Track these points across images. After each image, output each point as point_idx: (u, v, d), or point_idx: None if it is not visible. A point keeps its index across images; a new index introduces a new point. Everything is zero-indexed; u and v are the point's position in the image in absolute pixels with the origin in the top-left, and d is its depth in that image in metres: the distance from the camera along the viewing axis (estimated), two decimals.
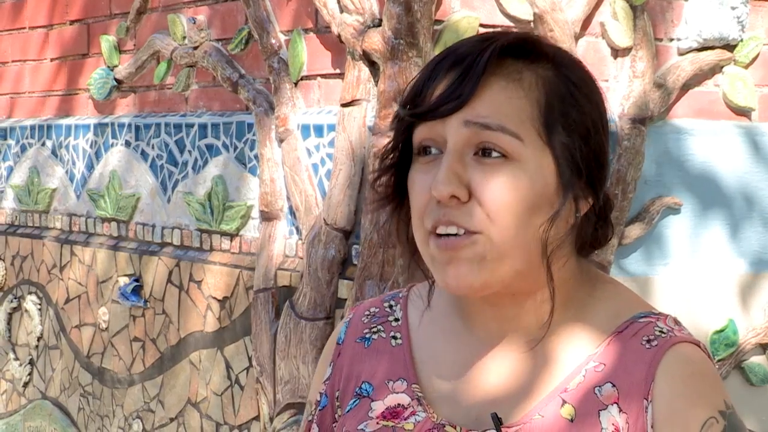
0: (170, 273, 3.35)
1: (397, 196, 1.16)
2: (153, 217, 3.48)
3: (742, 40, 2.86)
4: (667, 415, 1.08)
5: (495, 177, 1.08)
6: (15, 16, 4.20)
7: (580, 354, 1.12)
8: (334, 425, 1.21)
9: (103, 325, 3.64)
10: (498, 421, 1.09)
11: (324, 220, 2.77)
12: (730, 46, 2.85)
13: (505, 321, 1.14)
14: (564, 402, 1.10)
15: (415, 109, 1.10)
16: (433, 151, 1.10)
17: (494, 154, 1.08)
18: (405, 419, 1.14)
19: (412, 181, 1.12)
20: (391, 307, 1.24)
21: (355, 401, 1.19)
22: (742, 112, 2.90)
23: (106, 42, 3.69)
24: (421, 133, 1.11)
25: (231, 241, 3.17)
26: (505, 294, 1.13)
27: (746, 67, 2.89)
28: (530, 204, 1.08)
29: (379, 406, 1.16)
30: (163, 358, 3.38)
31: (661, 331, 1.12)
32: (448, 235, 1.09)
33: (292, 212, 2.94)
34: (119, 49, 3.67)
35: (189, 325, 3.27)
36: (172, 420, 3.36)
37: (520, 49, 1.11)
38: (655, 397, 1.09)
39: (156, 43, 3.46)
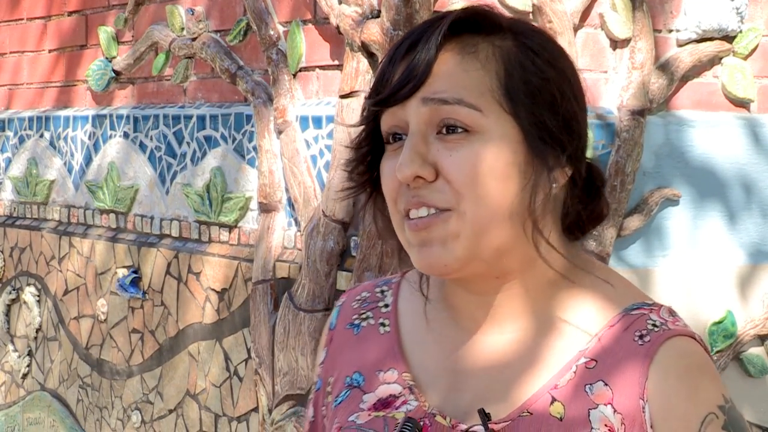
0: (169, 265, 3.35)
1: (372, 186, 1.15)
2: (151, 209, 3.48)
3: (741, 32, 2.85)
4: (665, 414, 1.05)
5: (458, 151, 1.06)
6: (13, 7, 4.19)
7: (570, 348, 1.09)
8: (323, 408, 1.20)
9: (102, 317, 3.64)
10: (485, 417, 1.07)
11: (323, 211, 2.77)
12: (729, 38, 2.84)
13: (491, 309, 1.12)
14: (553, 399, 1.07)
15: (377, 97, 1.09)
16: (401, 136, 1.09)
17: (458, 130, 1.07)
18: (396, 408, 1.12)
19: (382, 169, 1.12)
20: (382, 292, 1.22)
21: (346, 392, 1.17)
22: (741, 104, 2.89)
23: (105, 33, 3.68)
24: (387, 121, 1.10)
25: (229, 232, 3.17)
26: (488, 277, 1.10)
27: (745, 58, 2.88)
28: (498, 175, 1.06)
29: (370, 398, 1.15)
30: (162, 350, 3.38)
31: (654, 325, 1.08)
32: (420, 217, 1.08)
33: (291, 204, 2.94)
34: (117, 40, 3.66)
35: (188, 317, 3.27)
36: (170, 411, 3.36)
37: (474, 23, 1.09)
38: (651, 396, 1.06)
39: (154, 34, 3.45)
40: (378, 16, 2.64)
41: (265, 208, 3.00)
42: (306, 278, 2.78)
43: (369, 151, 1.14)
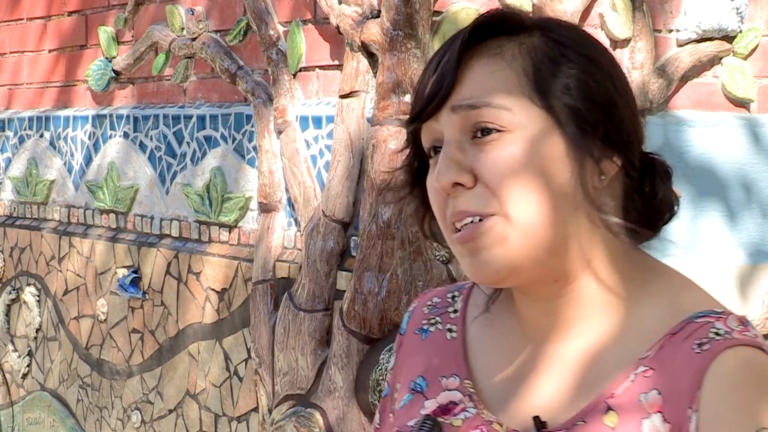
0: (169, 265, 3.35)
1: (425, 204, 1.13)
2: (151, 209, 3.48)
3: (741, 32, 2.85)
4: (713, 425, 1.00)
5: (492, 152, 1.05)
6: (13, 7, 4.19)
7: (630, 356, 1.06)
8: (390, 415, 1.20)
9: (102, 317, 3.64)
10: (540, 425, 1.05)
11: (323, 211, 2.77)
12: (729, 38, 2.84)
13: (554, 316, 1.09)
14: (609, 408, 1.04)
15: (411, 115, 1.10)
16: (441, 149, 1.08)
17: (491, 132, 1.05)
18: (455, 415, 1.12)
19: (428, 185, 1.10)
20: (453, 297, 1.21)
21: (409, 396, 1.17)
22: (741, 104, 2.89)
23: (105, 33, 3.68)
24: (426, 137, 1.09)
25: (229, 232, 3.17)
26: (546, 281, 1.07)
27: (745, 58, 2.88)
28: (537, 171, 1.04)
29: (431, 404, 1.14)
30: (162, 350, 3.38)
31: (716, 333, 1.03)
32: (465, 226, 1.06)
33: (291, 204, 2.94)
34: (117, 40, 3.66)
35: (188, 317, 3.27)
36: (170, 411, 3.36)
37: (498, 26, 1.09)
38: (701, 406, 1.00)
39: (154, 34, 3.45)
40: (378, 16, 2.64)
41: (265, 208, 3.00)
42: (306, 278, 2.78)
43: (416, 171, 1.13)
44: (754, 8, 2.89)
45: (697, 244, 2.81)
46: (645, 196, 1.10)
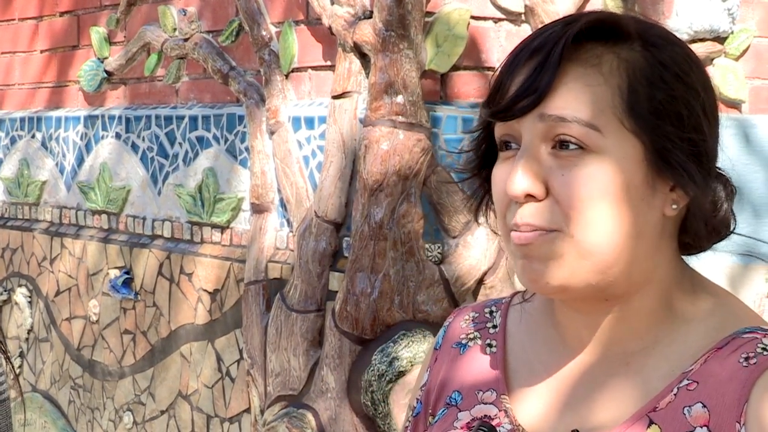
0: (161, 265, 3.35)
1: (484, 189, 1.12)
2: (144, 210, 3.47)
3: (732, 33, 2.86)
4: None
5: (571, 171, 1.01)
6: (5, 8, 4.18)
7: (674, 370, 1.04)
8: None
9: (94, 318, 3.64)
10: None
11: (315, 212, 2.77)
12: (721, 39, 2.85)
13: (598, 330, 1.07)
14: (651, 422, 1.03)
15: (493, 108, 1.04)
16: (513, 145, 1.05)
17: (571, 146, 1.01)
18: None
19: (494, 176, 1.07)
20: (491, 313, 1.19)
21: (443, 411, 1.16)
22: (733, 105, 2.90)
23: (97, 34, 3.67)
24: (500, 129, 1.06)
25: (222, 233, 3.17)
26: (596, 299, 1.06)
27: (737, 59, 2.89)
28: (612, 198, 1.01)
29: (465, 416, 1.13)
30: (154, 351, 3.37)
31: (764, 349, 1.02)
32: (526, 228, 1.03)
33: (283, 204, 2.93)
34: (109, 40, 3.65)
35: (180, 318, 3.26)
36: (162, 412, 3.35)
37: (599, 30, 1.03)
38: (749, 419, 0.99)
39: (146, 34, 3.45)
40: (370, 17, 2.64)
41: (258, 209, 2.99)
42: (298, 279, 2.78)
43: (484, 154, 1.10)
44: (745, 9, 2.89)
45: None
46: (706, 215, 1.08)
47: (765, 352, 1.01)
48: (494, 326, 1.18)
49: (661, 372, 1.05)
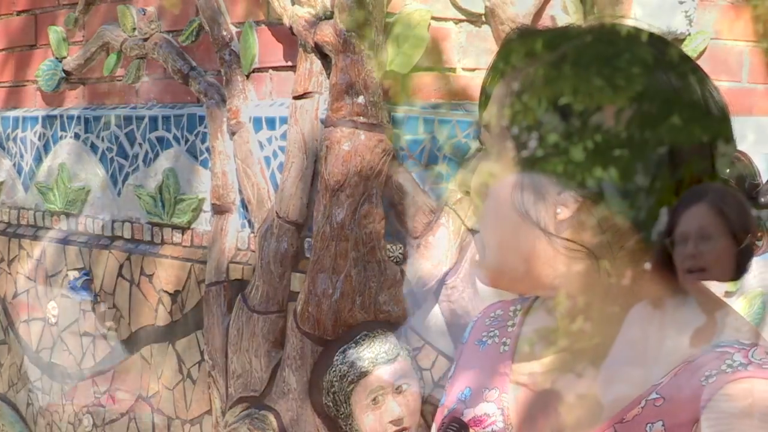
0: (121, 267, 3.33)
1: None
2: (103, 211, 3.45)
3: (690, 35, 2.89)
4: None
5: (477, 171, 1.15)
6: None
7: (646, 381, 1.03)
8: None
9: (53, 320, 3.61)
10: None
11: (276, 213, 2.76)
12: (678, 41, 2.88)
13: (583, 334, 1.09)
14: None
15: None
16: None
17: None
18: (484, 428, 1.13)
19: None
20: (514, 312, 1.21)
21: (453, 407, 1.18)
22: None
23: (54, 33, 3.64)
24: None
25: (182, 234, 3.15)
26: (554, 294, 1.09)
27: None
28: (499, 190, 1.11)
29: (468, 413, 1.16)
30: (114, 353, 3.35)
31: (730, 366, 0.97)
32: None
33: (244, 205, 2.93)
34: (68, 40, 3.63)
35: (140, 319, 3.24)
36: (123, 415, 3.33)
37: (525, 43, 1.09)
38: None
39: (105, 34, 3.42)
40: (331, 18, 2.64)
41: (219, 210, 2.98)
42: (259, 280, 2.78)
43: None
44: (702, 12, 2.93)
45: None
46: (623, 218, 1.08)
47: (728, 370, 0.98)
48: (512, 325, 1.20)
49: (635, 381, 1.04)
